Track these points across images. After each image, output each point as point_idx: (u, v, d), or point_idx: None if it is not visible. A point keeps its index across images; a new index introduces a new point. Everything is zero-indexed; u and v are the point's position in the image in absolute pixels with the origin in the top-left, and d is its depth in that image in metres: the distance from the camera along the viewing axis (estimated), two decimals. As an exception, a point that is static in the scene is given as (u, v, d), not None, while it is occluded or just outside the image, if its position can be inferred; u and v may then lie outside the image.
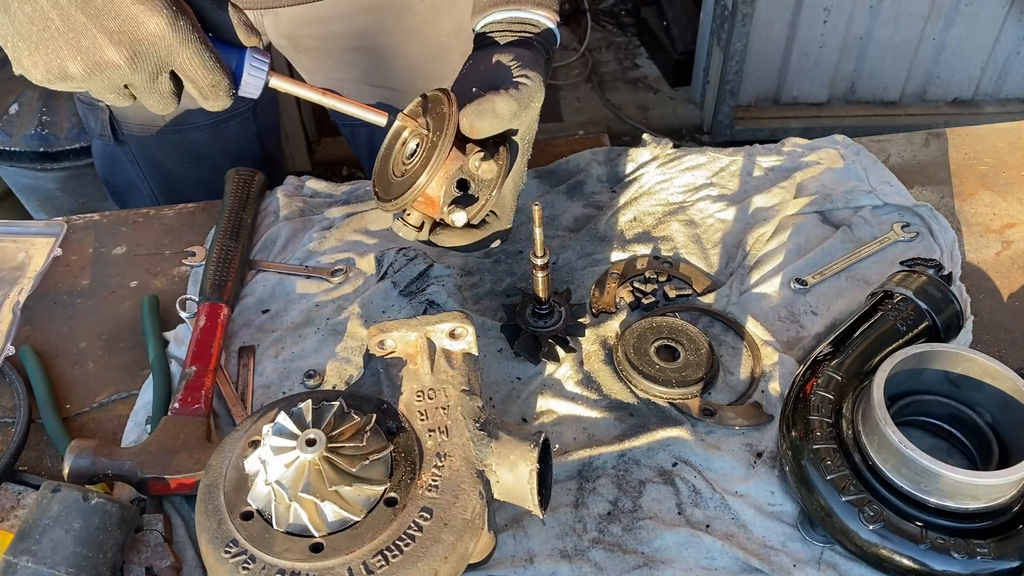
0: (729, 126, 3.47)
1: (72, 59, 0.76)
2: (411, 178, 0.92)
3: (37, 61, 0.76)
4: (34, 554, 0.80)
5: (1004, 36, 3.27)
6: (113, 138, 1.41)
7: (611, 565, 0.90)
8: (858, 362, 0.97)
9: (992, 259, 1.23)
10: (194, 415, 1.00)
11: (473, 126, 0.90)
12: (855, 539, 0.86)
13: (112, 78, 0.78)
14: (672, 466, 0.99)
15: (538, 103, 0.95)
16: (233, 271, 1.18)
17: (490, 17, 1.04)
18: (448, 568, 0.75)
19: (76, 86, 0.79)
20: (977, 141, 1.43)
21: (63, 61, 0.76)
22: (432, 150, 0.90)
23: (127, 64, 0.77)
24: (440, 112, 0.92)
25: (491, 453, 0.82)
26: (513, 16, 1.03)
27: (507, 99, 0.90)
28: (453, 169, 0.92)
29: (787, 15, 3.21)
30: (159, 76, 0.80)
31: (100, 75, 0.78)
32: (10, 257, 1.25)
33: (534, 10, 1.03)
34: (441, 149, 0.89)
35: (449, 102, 0.91)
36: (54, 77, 0.77)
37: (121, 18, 0.75)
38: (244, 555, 0.72)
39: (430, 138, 0.92)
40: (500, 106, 0.90)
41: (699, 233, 1.27)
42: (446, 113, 0.90)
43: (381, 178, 0.99)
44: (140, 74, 0.79)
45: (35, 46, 0.75)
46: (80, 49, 0.76)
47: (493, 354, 1.11)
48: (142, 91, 0.81)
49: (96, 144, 1.48)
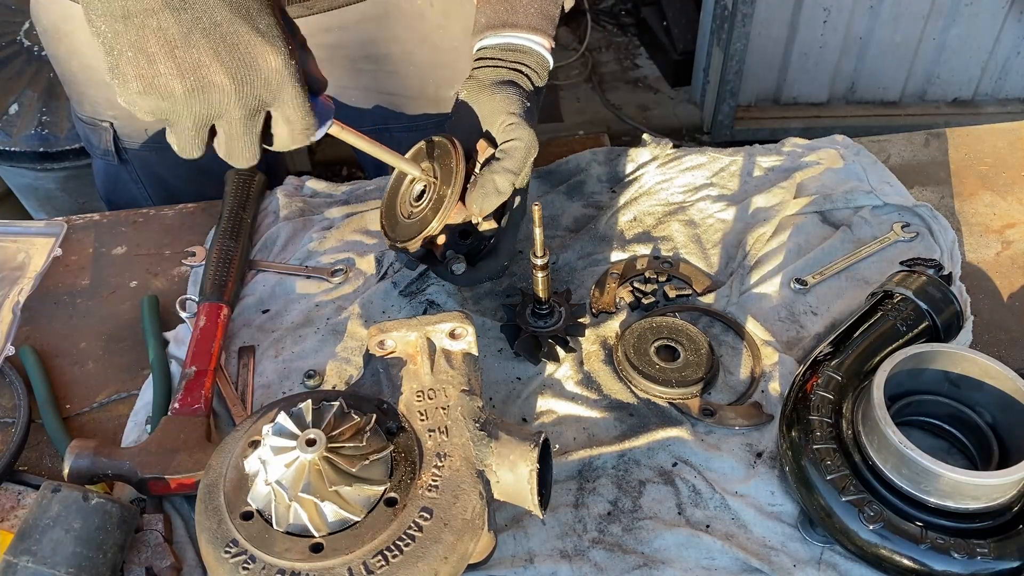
0: (729, 126, 3.47)
1: (179, 77, 0.75)
2: (419, 223, 1.01)
3: (143, 73, 0.75)
4: (34, 554, 0.80)
5: (1004, 36, 3.27)
6: (116, 157, 1.40)
7: (611, 565, 0.90)
8: (858, 362, 0.97)
9: (992, 259, 1.23)
10: (194, 415, 1.00)
11: (483, 208, 1.00)
12: (855, 539, 0.86)
13: (212, 105, 0.77)
14: (672, 466, 0.99)
15: (532, 157, 1.01)
16: (233, 271, 1.18)
17: (485, 41, 1.07)
18: (448, 568, 0.75)
19: (168, 108, 0.77)
20: (977, 141, 1.43)
21: (169, 78, 0.75)
22: (440, 202, 0.99)
23: (234, 92, 0.76)
24: (447, 165, 1.00)
25: (491, 453, 0.82)
26: (507, 43, 1.06)
27: (504, 175, 0.99)
28: (458, 220, 1.01)
29: (787, 15, 3.21)
30: (259, 113, 0.80)
31: (201, 98, 0.76)
32: (10, 257, 1.25)
33: (528, 35, 1.06)
34: (448, 204, 0.99)
35: (456, 156, 0.99)
36: (152, 92, 0.75)
37: (240, 48, 0.75)
38: (244, 555, 0.72)
39: (438, 187, 1.01)
40: (501, 184, 0.99)
41: (699, 233, 1.27)
42: (453, 167, 0.99)
43: (389, 213, 1.08)
44: (242, 107, 0.78)
45: (147, 58, 0.74)
46: (190, 69, 0.74)
47: (493, 354, 1.11)
48: (236, 126, 0.79)
49: (98, 164, 1.47)
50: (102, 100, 1.35)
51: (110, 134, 1.38)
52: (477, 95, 1.04)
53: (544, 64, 1.08)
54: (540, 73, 1.07)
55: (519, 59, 1.06)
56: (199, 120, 0.78)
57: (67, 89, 1.40)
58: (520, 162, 1.00)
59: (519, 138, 1.00)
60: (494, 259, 1.07)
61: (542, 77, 1.07)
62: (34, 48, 2.34)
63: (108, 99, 1.34)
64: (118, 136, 1.38)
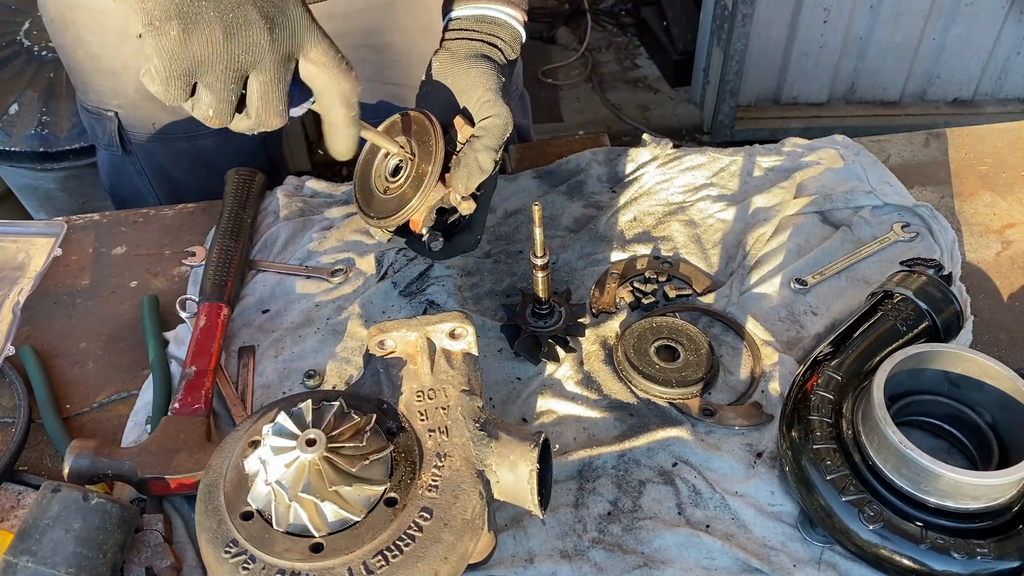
0: (729, 126, 3.47)
1: (217, 22, 0.75)
2: (397, 201, 1.01)
3: (184, 11, 0.74)
4: (34, 554, 0.80)
5: (1004, 36, 3.27)
6: (121, 148, 1.41)
7: (611, 565, 0.90)
8: (858, 362, 0.97)
9: (992, 259, 1.23)
10: (194, 415, 1.00)
11: (468, 187, 0.99)
12: (855, 539, 0.86)
13: (250, 49, 0.77)
14: (672, 466, 0.99)
15: (508, 133, 1.01)
16: (233, 271, 1.18)
17: (458, 12, 1.06)
18: (448, 568, 0.75)
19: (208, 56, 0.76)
20: (977, 141, 1.43)
21: (208, 22, 0.74)
22: (420, 180, 0.99)
23: (269, 34, 0.77)
24: (426, 143, 0.99)
25: (491, 453, 0.82)
26: (481, 14, 1.05)
27: (487, 153, 0.99)
28: (437, 199, 1.00)
29: (787, 15, 3.21)
30: (289, 61, 0.80)
31: (241, 40, 0.76)
32: (10, 257, 1.25)
33: (502, 7, 1.05)
34: (428, 182, 0.98)
35: (436, 134, 0.99)
36: (193, 32, 0.74)
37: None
38: (244, 555, 0.72)
39: (416, 164, 1.00)
40: (484, 162, 0.99)
41: (699, 233, 1.27)
42: (432, 145, 0.98)
43: (363, 187, 1.07)
44: (275, 52, 0.78)
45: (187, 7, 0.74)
46: (226, 11, 0.75)
47: (493, 354, 1.11)
48: (271, 73, 0.79)
49: (102, 155, 1.47)
50: (107, 89, 1.35)
51: (115, 124, 1.38)
52: (451, 68, 1.03)
53: (517, 38, 1.07)
54: (514, 47, 1.06)
55: (493, 31, 1.05)
56: (237, 69, 0.78)
57: (72, 78, 1.40)
58: (499, 139, 1.00)
59: (496, 115, 1.00)
60: (468, 234, 1.08)
61: (515, 51, 1.07)
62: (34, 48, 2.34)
63: (113, 88, 1.34)
64: (123, 126, 1.38)
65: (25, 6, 2.41)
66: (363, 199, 1.06)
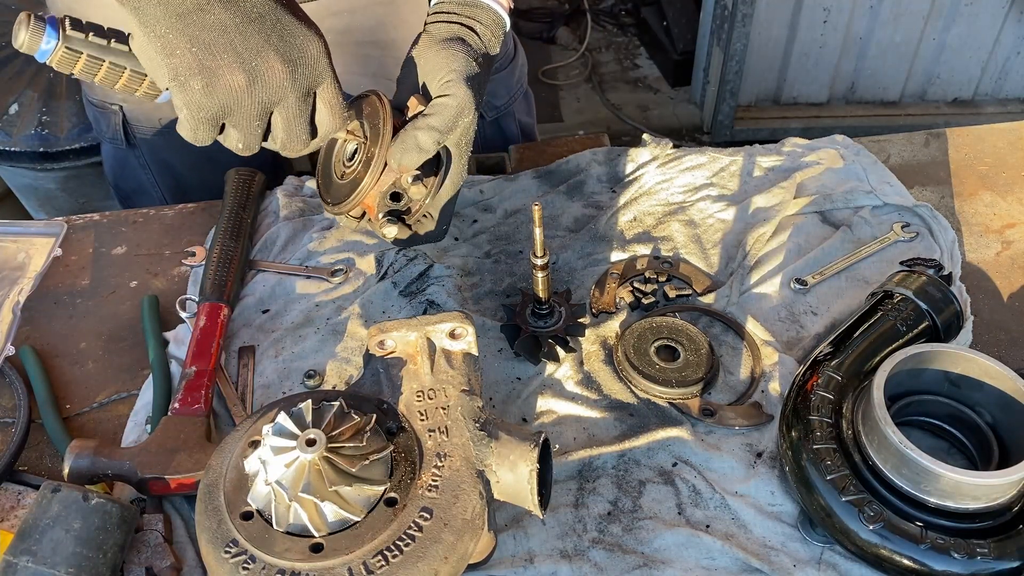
0: (729, 126, 3.47)
1: (240, 65, 0.79)
2: (350, 185, 1.00)
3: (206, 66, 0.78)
4: (34, 554, 0.80)
5: (1004, 36, 3.27)
6: (125, 142, 1.41)
7: (611, 565, 0.90)
8: (858, 362, 0.97)
9: (992, 259, 1.23)
10: (194, 415, 1.00)
11: (401, 164, 0.96)
12: (855, 539, 0.86)
13: (273, 90, 0.82)
14: (672, 466, 0.99)
15: (466, 118, 0.98)
16: (233, 271, 1.18)
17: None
18: (448, 568, 0.75)
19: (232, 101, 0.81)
20: (977, 141, 1.43)
21: (232, 68, 0.79)
22: (368, 164, 0.98)
23: (290, 76, 0.81)
24: (375, 126, 0.98)
25: (491, 453, 0.82)
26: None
27: (428, 132, 0.95)
28: (387, 184, 0.99)
29: (787, 15, 3.21)
30: (309, 95, 0.85)
31: (263, 84, 0.81)
32: (10, 257, 1.25)
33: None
34: (375, 166, 0.97)
35: (384, 113, 0.97)
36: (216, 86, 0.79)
37: (287, 35, 0.81)
38: (244, 555, 0.72)
39: (367, 147, 0.98)
40: (423, 139, 0.95)
41: (699, 233, 1.27)
42: (380, 127, 0.97)
43: (324, 173, 1.07)
44: (297, 90, 0.83)
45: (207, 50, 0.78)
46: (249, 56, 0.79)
47: (493, 354, 1.11)
48: (293, 108, 0.84)
49: (106, 148, 1.48)
50: None
51: (119, 118, 1.39)
52: (426, 50, 1.01)
53: (500, 23, 1.04)
54: (494, 31, 1.04)
55: (473, 14, 1.03)
56: (262, 109, 0.82)
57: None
58: (448, 120, 0.96)
59: (452, 95, 0.97)
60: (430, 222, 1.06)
61: (497, 37, 1.04)
62: (34, 48, 2.34)
63: None
64: (127, 120, 1.39)
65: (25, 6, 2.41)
66: (324, 185, 1.06)
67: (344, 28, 1.33)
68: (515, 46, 1.50)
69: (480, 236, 1.28)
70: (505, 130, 1.51)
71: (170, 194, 1.47)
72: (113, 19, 1.27)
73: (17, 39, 0.83)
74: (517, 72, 1.51)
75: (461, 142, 1.00)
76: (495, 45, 1.04)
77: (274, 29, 0.80)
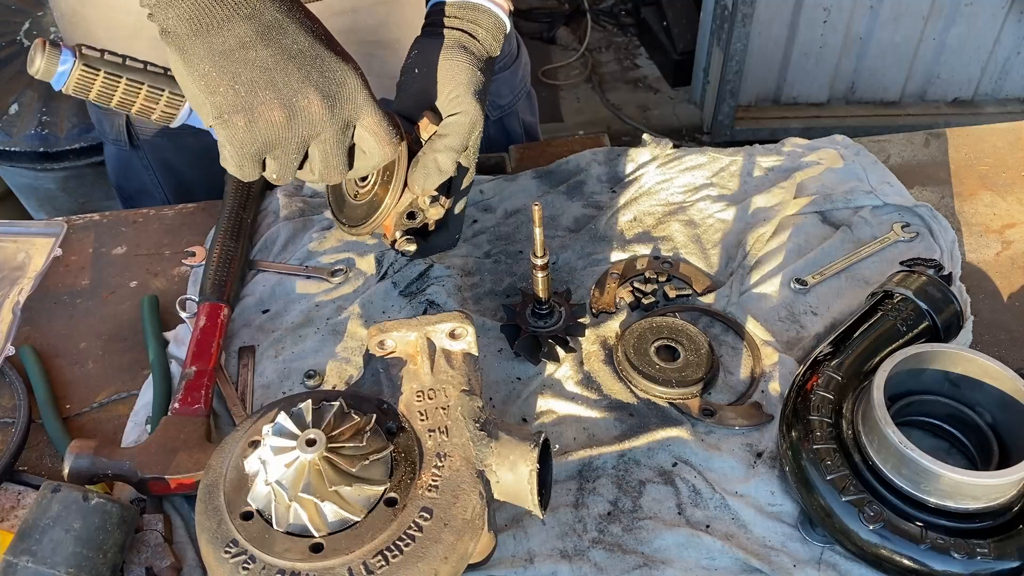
0: (729, 126, 3.47)
1: (279, 103, 0.81)
2: (367, 207, 1.02)
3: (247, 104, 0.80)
4: (34, 554, 0.80)
5: (1004, 36, 3.27)
6: (128, 143, 1.41)
7: (611, 565, 0.90)
8: (858, 362, 0.97)
9: (992, 259, 1.23)
10: (194, 415, 1.00)
11: (425, 188, 0.99)
12: (855, 539, 0.86)
13: (312, 125, 0.83)
14: (672, 466, 0.99)
15: (477, 131, 1.00)
16: (233, 271, 1.18)
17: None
18: (448, 568, 0.75)
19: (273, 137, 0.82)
20: (977, 141, 1.43)
21: (271, 109, 0.81)
22: (387, 185, 0.99)
23: (328, 111, 0.83)
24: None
25: (491, 453, 0.82)
26: (462, 0, 1.04)
27: (447, 153, 0.98)
28: (405, 204, 1.01)
29: (787, 15, 3.21)
30: (348, 128, 0.86)
31: (303, 120, 0.82)
32: (10, 257, 1.25)
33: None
34: (394, 188, 0.98)
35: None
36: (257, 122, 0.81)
37: (327, 73, 0.82)
38: (244, 555, 0.72)
39: (382, 169, 1.00)
40: (443, 162, 0.98)
41: (699, 233, 1.27)
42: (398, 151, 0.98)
43: (335, 192, 1.08)
44: (335, 124, 0.84)
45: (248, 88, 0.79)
46: (289, 94, 0.81)
47: (493, 354, 1.11)
48: (331, 143, 0.85)
49: (109, 150, 1.48)
50: None
51: (123, 119, 1.39)
52: (427, 60, 1.01)
53: (500, 26, 1.04)
54: (496, 36, 1.04)
55: (475, 19, 1.03)
56: (300, 143, 0.84)
57: None
58: (463, 138, 0.98)
59: (464, 112, 0.98)
60: (444, 232, 1.09)
61: (497, 40, 1.04)
62: (34, 48, 2.34)
63: None
64: (131, 121, 1.39)
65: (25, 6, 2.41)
66: (336, 204, 1.08)
67: (347, 28, 1.32)
68: (518, 46, 1.50)
69: (480, 236, 1.28)
70: (509, 130, 1.51)
71: (173, 195, 1.47)
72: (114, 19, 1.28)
73: (33, 65, 0.84)
74: (521, 71, 1.51)
75: (471, 154, 1.02)
76: (496, 48, 1.04)
77: (313, 65, 0.81)
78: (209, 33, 0.77)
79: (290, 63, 0.80)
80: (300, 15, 0.82)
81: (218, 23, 0.77)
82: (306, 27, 0.81)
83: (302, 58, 0.81)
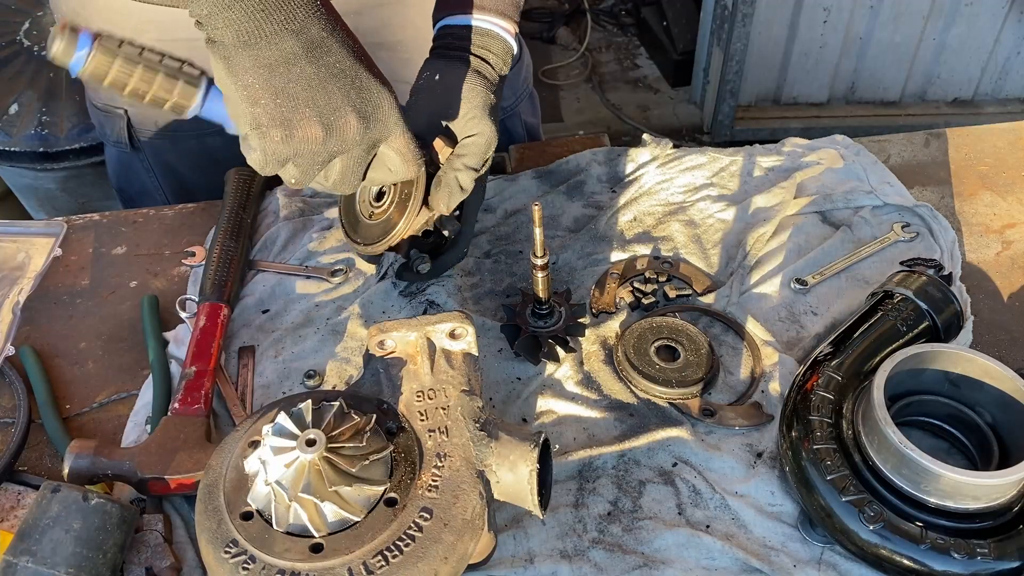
0: (729, 126, 3.47)
1: (319, 119, 0.82)
2: (382, 227, 1.04)
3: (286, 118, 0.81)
4: (34, 554, 0.80)
5: (1004, 36, 3.27)
6: (129, 145, 1.41)
7: (611, 565, 0.90)
8: (858, 362, 0.97)
9: (992, 259, 1.23)
10: (194, 415, 1.00)
11: (449, 206, 1.01)
12: (855, 539, 0.86)
13: (345, 143, 0.84)
14: (672, 466, 0.99)
15: (492, 151, 1.03)
16: (233, 271, 1.18)
17: (449, 20, 1.07)
18: (448, 568, 0.75)
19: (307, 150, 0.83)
20: (977, 141, 1.43)
21: (309, 125, 0.82)
22: (404, 205, 1.01)
23: (362, 130, 0.84)
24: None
25: (491, 453, 0.82)
26: (473, 25, 1.06)
27: (467, 173, 1.00)
28: (421, 223, 1.03)
29: (787, 15, 3.21)
30: (375, 147, 0.88)
31: (337, 138, 0.84)
32: (10, 257, 1.25)
33: (495, 19, 1.06)
34: (412, 208, 1.00)
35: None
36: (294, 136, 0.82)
37: (365, 94, 0.84)
38: (244, 555, 0.72)
39: (399, 189, 1.02)
40: (464, 180, 1.00)
41: (699, 233, 1.27)
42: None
43: (348, 211, 1.10)
44: (365, 144, 0.86)
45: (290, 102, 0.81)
46: (328, 111, 0.82)
47: (493, 354, 1.11)
48: (356, 160, 0.87)
49: (110, 152, 1.48)
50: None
51: (124, 122, 1.39)
52: (440, 82, 1.03)
53: (509, 51, 1.07)
54: (505, 60, 1.06)
55: (485, 44, 1.05)
56: (329, 157, 0.85)
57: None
58: (481, 157, 1.01)
59: (480, 133, 1.00)
60: (455, 250, 1.11)
61: (507, 63, 1.07)
62: (34, 48, 2.34)
63: None
64: (131, 124, 1.39)
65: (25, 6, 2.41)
66: (348, 224, 1.09)
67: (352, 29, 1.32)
68: (520, 47, 1.50)
69: (480, 236, 1.28)
70: (511, 130, 1.51)
71: (174, 196, 1.47)
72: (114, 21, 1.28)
73: (51, 49, 0.84)
74: (523, 73, 1.51)
75: (484, 173, 1.04)
76: (506, 70, 1.07)
77: (352, 85, 0.83)
78: (257, 46, 0.78)
79: (332, 82, 0.81)
80: (342, 34, 0.83)
81: (267, 37, 0.78)
82: (348, 46, 0.82)
83: (343, 78, 0.82)
